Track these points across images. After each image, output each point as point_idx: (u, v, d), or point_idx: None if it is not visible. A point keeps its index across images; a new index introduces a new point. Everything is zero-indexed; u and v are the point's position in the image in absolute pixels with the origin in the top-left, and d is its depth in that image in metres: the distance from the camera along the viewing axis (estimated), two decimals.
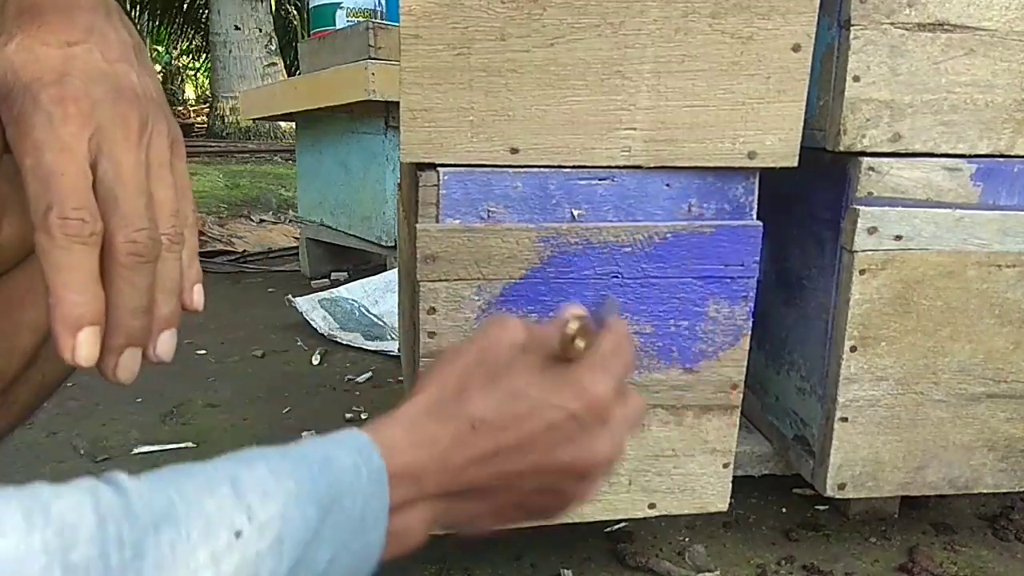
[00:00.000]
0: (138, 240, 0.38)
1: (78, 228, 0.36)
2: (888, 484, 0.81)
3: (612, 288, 0.70)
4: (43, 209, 0.36)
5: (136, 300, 0.38)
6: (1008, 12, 0.71)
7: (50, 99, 0.37)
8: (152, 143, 0.40)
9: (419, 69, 0.63)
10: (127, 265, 0.38)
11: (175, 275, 0.41)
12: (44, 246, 0.36)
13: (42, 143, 0.36)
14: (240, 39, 6.54)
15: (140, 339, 0.39)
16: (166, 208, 0.40)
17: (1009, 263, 0.77)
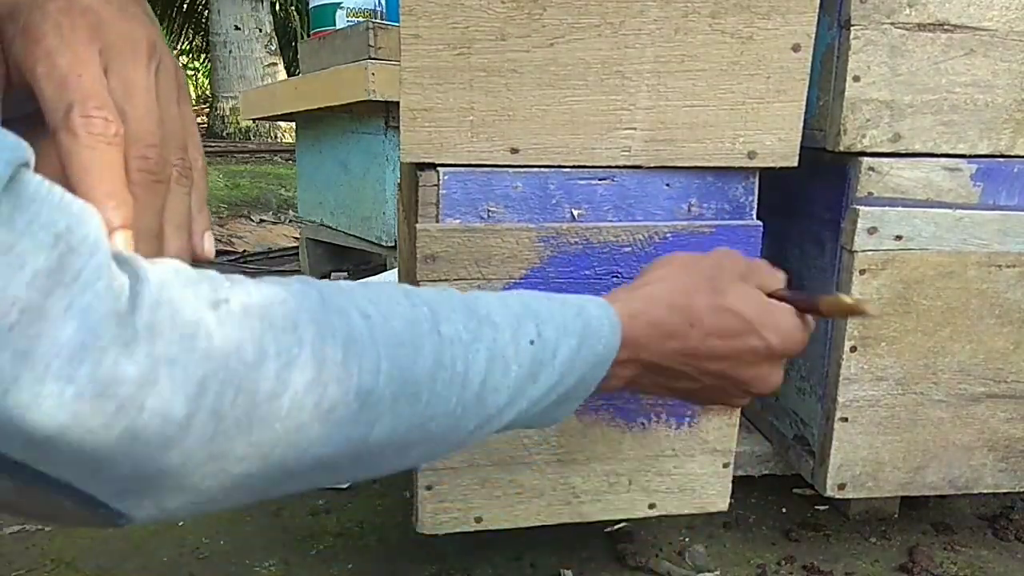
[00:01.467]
0: (149, 156, 0.37)
1: (103, 127, 0.35)
2: (888, 484, 0.81)
3: (612, 288, 0.70)
4: (64, 109, 0.35)
5: (147, 221, 0.37)
6: (1008, 12, 0.71)
7: (58, 9, 0.36)
8: (160, 73, 0.40)
9: (419, 69, 0.63)
10: (138, 182, 0.37)
11: (184, 210, 0.40)
12: (69, 147, 0.35)
13: (54, 49, 0.36)
14: (240, 39, 6.54)
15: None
16: (174, 139, 0.40)
17: (1009, 263, 0.77)
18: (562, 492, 0.76)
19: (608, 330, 0.49)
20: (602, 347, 0.48)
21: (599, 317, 0.49)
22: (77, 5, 0.37)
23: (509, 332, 0.44)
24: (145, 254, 0.37)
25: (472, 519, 0.74)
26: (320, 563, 0.85)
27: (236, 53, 6.57)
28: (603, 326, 0.48)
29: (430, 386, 0.39)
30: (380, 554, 0.87)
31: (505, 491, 0.74)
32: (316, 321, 0.35)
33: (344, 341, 0.36)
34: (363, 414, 0.36)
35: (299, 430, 0.34)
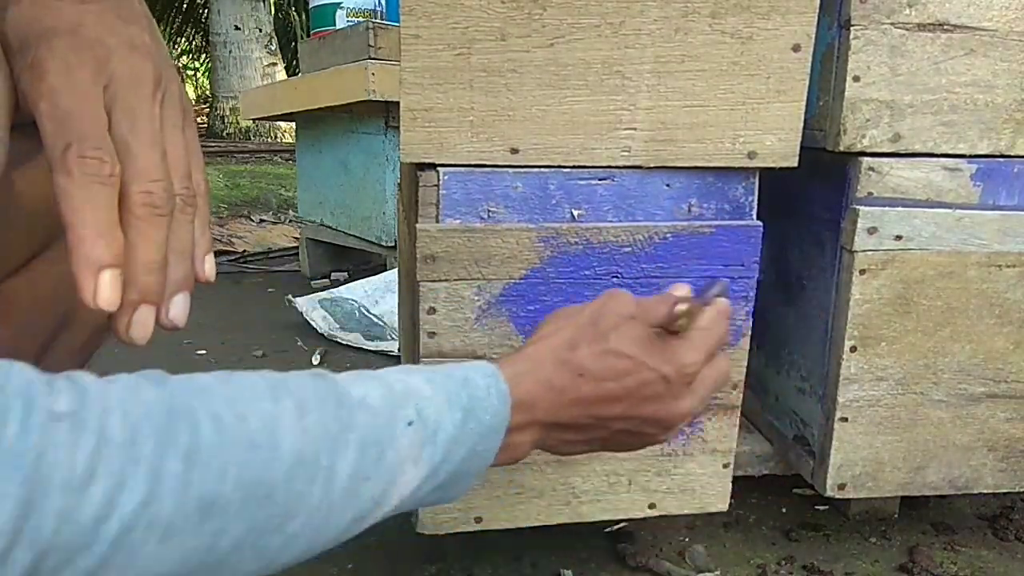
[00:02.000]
0: (153, 191, 0.38)
1: (97, 167, 0.36)
2: (888, 484, 0.81)
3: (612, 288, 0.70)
4: (61, 148, 0.35)
5: (151, 254, 0.38)
6: (1008, 12, 0.71)
7: (66, 46, 0.37)
8: (166, 103, 0.40)
9: (419, 69, 0.63)
10: (142, 217, 0.37)
11: (188, 238, 0.40)
12: (63, 186, 0.35)
13: (57, 87, 0.36)
14: (240, 39, 6.54)
15: (154, 297, 0.39)
16: (179, 168, 0.40)
17: (1009, 263, 0.77)
18: (562, 492, 0.76)
19: (496, 399, 0.48)
20: (490, 417, 0.47)
21: (485, 387, 0.48)
22: (84, 39, 0.37)
23: (385, 416, 0.43)
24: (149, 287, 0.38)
25: (472, 519, 0.75)
26: (320, 563, 0.85)
27: (236, 53, 6.57)
28: (490, 395, 0.48)
29: (287, 486, 0.38)
30: (380, 554, 0.87)
31: (505, 491, 0.74)
32: (158, 431, 0.34)
33: (186, 451, 0.35)
34: (206, 525, 0.35)
35: (131, 552, 0.33)
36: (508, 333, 0.70)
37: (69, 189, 0.35)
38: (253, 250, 2.76)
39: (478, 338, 0.70)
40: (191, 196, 0.41)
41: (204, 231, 0.42)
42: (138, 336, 0.38)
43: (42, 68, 0.36)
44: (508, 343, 0.70)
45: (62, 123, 0.36)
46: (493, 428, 0.48)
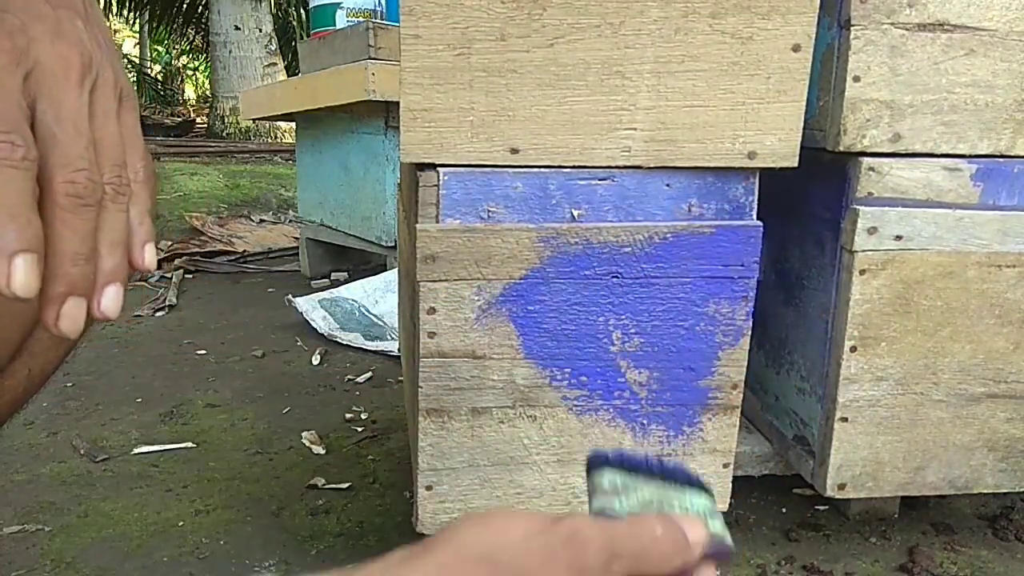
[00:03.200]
0: (77, 181, 0.37)
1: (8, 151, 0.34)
2: (888, 484, 0.81)
3: (612, 288, 0.70)
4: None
5: (76, 245, 0.37)
6: (1008, 12, 0.71)
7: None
8: (97, 89, 0.39)
9: (419, 69, 0.63)
10: (66, 207, 0.36)
11: (120, 227, 0.39)
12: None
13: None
14: (240, 39, 6.54)
15: (83, 289, 0.38)
16: (109, 156, 0.39)
17: (1009, 263, 0.77)
18: (562, 492, 0.76)
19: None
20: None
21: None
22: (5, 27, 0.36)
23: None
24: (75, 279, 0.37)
25: None
26: (320, 563, 0.85)
27: (236, 53, 6.57)
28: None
29: None
30: (380, 554, 0.87)
31: (505, 491, 0.74)
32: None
33: None
34: None
35: None
36: (508, 333, 0.70)
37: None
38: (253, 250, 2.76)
39: (478, 338, 0.70)
40: (123, 184, 0.40)
41: (143, 220, 0.41)
42: (68, 329, 0.37)
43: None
44: (508, 343, 0.70)
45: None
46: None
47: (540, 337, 0.71)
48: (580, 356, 0.72)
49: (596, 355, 0.72)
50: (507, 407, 0.73)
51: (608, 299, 0.71)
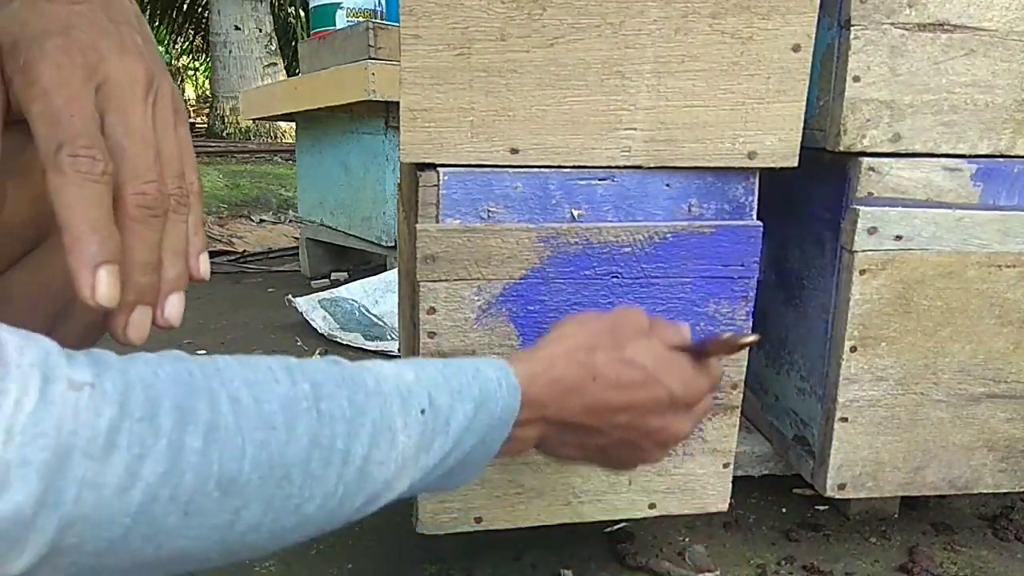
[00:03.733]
0: (148, 192, 0.38)
1: (89, 165, 0.36)
2: (888, 484, 0.81)
3: (612, 288, 0.70)
4: (53, 149, 0.35)
5: (145, 255, 0.38)
6: (1008, 12, 0.71)
7: (57, 48, 0.37)
8: (158, 103, 0.40)
9: (419, 69, 0.63)
10: (137, 218, 0.37)
11: (181, 237, 0.41)
12: (56, 186, 0.35)
13: (50, 89, 0.36)
14: (240, 39, 6.54)
15: (150, 297, 0.39)
16: (171, 168, 0.40)
17: (1009, 263, 0.77)
18: (562, 492, 0.76)
19: (506, 392, 0.49)
20: (500, 409, 0.48)
21: (496, 379, 0.49)
22: (76, 43, 0.38)
23: (398, 402, 0.44)
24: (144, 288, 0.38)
25: (472, 519, 0.75)
26: (320, 563, 0.85)
27: (236, 53, 6.57)
28: (500, 388, 0.48)
29: (304, 467, 0.39)
30: (380, 554, 0.87)
31: (505, 491, 0.74)
32: (178, 408, 0.35)
33: (206, 428, 0.35)
34: (226, 502, 0.36)
35: (154, 524, 0.34)
36: (508, 333, 0.70)
37: (63, 188, 0.35)
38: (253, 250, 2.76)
39: (478, 338, 0.70)
40: (184, 196, 0.41)
41: (197, 230, 0.42)
42: (135, 337, 0.38)
43: (34, 71, 0.36)
44: (508, 343, 0.70)
45: (54, 124, 0.36)
46: (502, 420, 0.49)
47: (540, 337, 0.71)
48: None
49: None
50: None
51: (608, 299, 0.71)
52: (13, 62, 0.37)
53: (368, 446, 0.42)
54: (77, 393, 0.32)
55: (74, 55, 0.37)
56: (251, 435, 0.37)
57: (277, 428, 0.38)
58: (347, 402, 0.41)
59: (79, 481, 0.31)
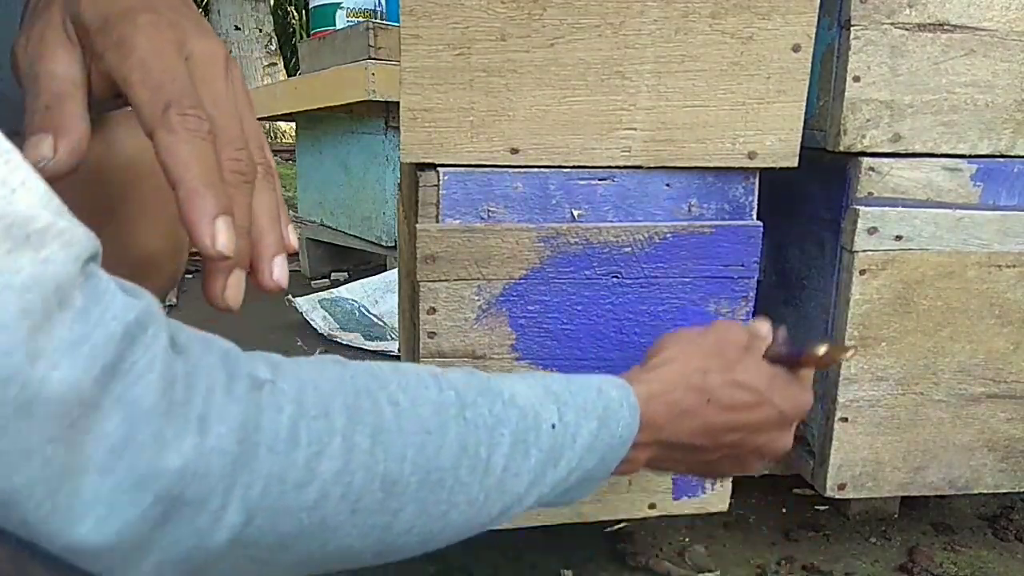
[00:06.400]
0: (240, 158, 0.39)
1: (197, 124, 0.37)
2: (888, 484, 0.81)
3: (612, 288, 0.70)
4: (161, 109, 0.36)
5: (241, 219, 0.39)
6: (1008, 12, 0.71)
7: (149, 23, 0.38)
8: (235, 80, 0.42)
9: (419, 69, 0.63)
10: (231, 183, 0.38)
11: (274, 203, 0.42)
12: (167, 143, 0.36)
13: (147, 58, 0.37)
14: (240, 39, 6.54)
15: (245, 261, 0.40)
16: (255, 139, 0.42)
17: (1009, 263, 0.77)
18: None
19: (627, 412, 0.49)
20: (621, 429, 0.49)
21: (618, 399, 0.49)
22: (164, 18, 0.39)
23: (531, 416, 0.44)
24: (243, 249, 0.39)
25: None
26: None
27: (236, 53, 6.56)
28: (622, 408, 0.49)
29: (454, 473, 0.40)
30: None
31: None
32: (348, 407, 0.36)
33: (373, 429, 0.36)
34: (388, 503, 0.37)
35: (324, 520, 0.35)
36: (508, 333, 0.70)
37: (174, 145, 0.36)
38: None
39: (478, 338, 0.70)
40: (270, 164, 0.42)
41: (282, 203, 0.43)
42: (232, 299, 0.39)
43: (129, 43, 0.38)
44: (508, 343, 0.70)
45: (157, 88, 0.37)
46: (622, 440, 0.49)
47: (540, 337, 0.71)
48: (580, 356, 0.72)
49: (596, 355, 0.72)
50: None
51: (608, 299, 0.71)
52: (105, 38, 0.38)
53: (507, 457, 0.42)
54: (259, 391, 0.33)
55: (164, 30, 0.39)
56: (411, 438, 0.38)
57: (432, 433, 0.39)
58: (488, 411, 0.42)
59: (265, 475, 0.32)
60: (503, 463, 0.42)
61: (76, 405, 0.27)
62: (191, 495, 0.30)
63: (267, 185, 0.41)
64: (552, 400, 0.46)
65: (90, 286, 0.28)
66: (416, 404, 0.39)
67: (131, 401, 0.28)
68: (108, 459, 0.28)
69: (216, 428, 0.31)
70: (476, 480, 0.41)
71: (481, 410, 0.42)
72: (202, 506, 0.31)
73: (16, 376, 0.25)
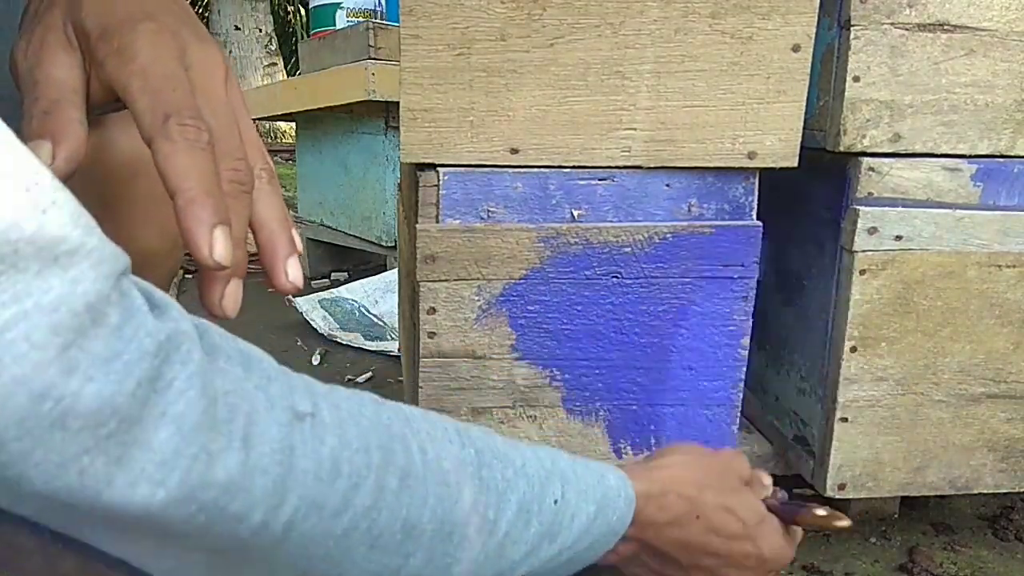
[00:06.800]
0: (239, 168, 0.39)
1: (196, 134, 0.37)
2: (888, 484, 0.81)
3: (612, 288, 0.70)
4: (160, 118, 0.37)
5: (237, 230, 0.39)
6: (1008, 12, 0.71)
7: (149, 31, 0.38)
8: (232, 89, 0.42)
9: (419, 69, 0.63)
10: (229, 193, 0.38)
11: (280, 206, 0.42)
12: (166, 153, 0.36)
13: (148, 66, 0.38)
14: (240, 39, 6.54)
15: (242, 270, 0.40)
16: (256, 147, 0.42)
17: (1009, 263, 0.77)
18: None
19: (623, 504, 0.50)
20: (615, 519, 0.49)
21: (616, 489, 0.50)
22: (165, 26, 0.39)
23: (538, 487, 0.45)
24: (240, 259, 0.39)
25: None
26: None
27: (236, 53, 6.57)
28: (619, 499, 0.49)
29: (463, 530, 0.40)
30: None
31: None
32: (382, 447, 0.37)
33: (402, 473, 0.37)
34: (404, 546, 0.38)
35: (346, 551, 0.36)
36: (508, 333, 0.70)
37: (173, 154, 0.36)
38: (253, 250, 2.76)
39: (478, 338, 0.70)
40: (272, 169, 0.43)
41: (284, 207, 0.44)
42: (230, 308, 0.39)
43: (131, 51, 0.38)
44: (508, 343, 0.70)
45: (157, 96, 0.37)
46: (613, 530, 0.49)
47: (540, 337, 0.71)
48: (580, 356, 0.72)
49: (596, 355, 0.72)
50: (507, 407, 0.73)
51: (608, 299, 0.71)
52: (106, 45, 0.38)
53: (511, 523, 0.43)
54: (301, 423, 0.34)
55: (165, 38, 0.39)
56: (433, 488, 0.39)
57: (450, 486, 0.40)
58: (500, 475, 0.43)
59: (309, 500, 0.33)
60: (506, 528, 0.43)
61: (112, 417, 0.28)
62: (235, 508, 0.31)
63: (271, 190, 0.42)
64: (558, 477, 0.47)
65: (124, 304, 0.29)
66: (440, 456, 0.40)
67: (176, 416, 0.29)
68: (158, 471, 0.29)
69: (259, 448, 0.32)
70: (481, 540, 0.41)
71: (495, 473, 0.43)
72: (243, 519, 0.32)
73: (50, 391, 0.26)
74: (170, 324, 0.31)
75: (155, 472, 0.29)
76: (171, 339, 0.30)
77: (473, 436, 0.43)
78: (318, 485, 0.33)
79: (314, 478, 0.33)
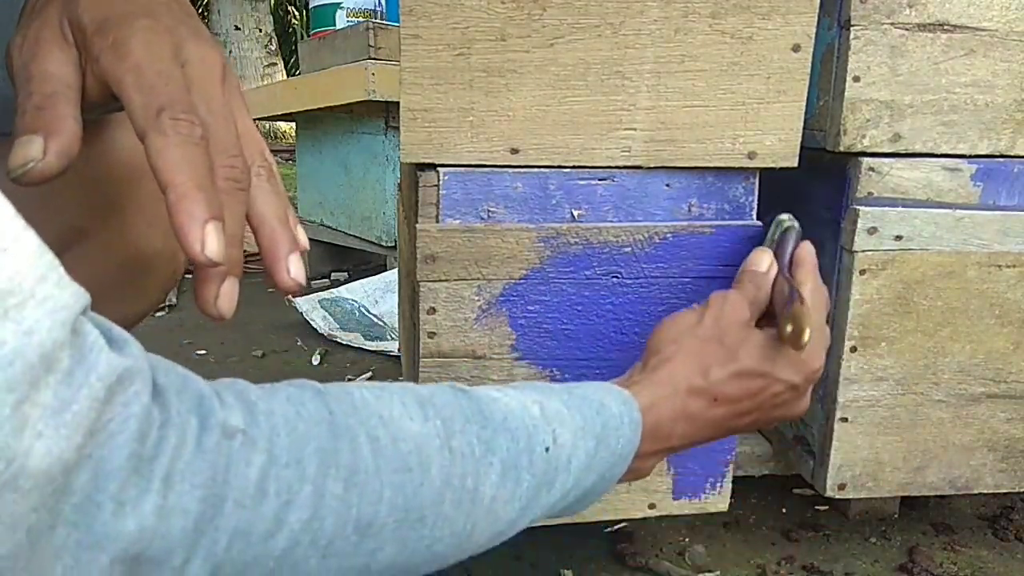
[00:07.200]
0: (235, 166, 0.39)
1: (189, 128, 0.36)
2: (888, 484, 0.81)
3: (612, 288, 0.70)
4: (153, 113, 0.36)
5: (234, 228, 0.38)
6: (1008, 12, 0.71)
7: (145, 27, 0.38)
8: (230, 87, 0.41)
9: (419, 69, 0.63)
10: (225, 191, 0.38)
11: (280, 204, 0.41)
12: (158, 147, 0.36)
13: (143, 62, 0.37)
14: (240, 39, 6.54)
15: (238, 270, 0.39)
16: (252, 144, 0.41)
17: (1009, 263, 0.77)
18: None
19: (628, 429, 0.49)
20: (621, 445, 0.48)
21: (619, 415, 0.49)
22: (161, 23, 0.39)
23: (524, 440, 0.44)
24: (236, 258, 0.38)
25: None
26: None
27: (236, 53, 6.57)
28: (623, 425, 0.49)
29: (436, 509, 0.39)
30: None
31: None
32: (321, 451, 0.35)
33: (347, 473, 0.36)
34: (363, 545, 0.37)
35: (293, 567, 0.35)
36: (508, 333, 0.70)
37: (165, 149, 0.36)
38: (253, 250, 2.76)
39: (478, 338, 0.70)
40: (271, 166, 0.42)
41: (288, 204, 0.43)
42: (225, 307, 0.39)
43: (126, 46, 0.37)
44: (508, 343, 0.70)
45: (150, 91, 0.37)
46: (622, 456, 0.49)
47: (540, 337, 0.71)
48: (580, 356, 0.72)
49: (596, 355, 0.72)
50: None
51: (608, 299, 0.71)
52: (102, 41, 0.38)
53: (496, 486, 0.42)
54: (230, 441, 0.32)
55: (161, 35, 0.38)
56: (389, 478, 0.37)
57: (412, 470, 0.38)
58: (476, 439, 0.41)
59: (231, 530, 0.32)
60: (492, 492, 0.41)
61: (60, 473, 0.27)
62: (151, 553, 0.30)
63: (271, 187, 0.41)
64: (548, 421, 0.45)
65: (77, 344, 0.28)
66: (397, 440, 0.38)
67: (99, 459, 0.28)
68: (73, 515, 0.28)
69: (179, 487, 0.31)
70: (462, 512, 0.40)
71: (469, 438, 0.41)
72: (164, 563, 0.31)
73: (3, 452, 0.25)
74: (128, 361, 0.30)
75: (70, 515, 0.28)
76: (121, 379, 0.29)
77: (441, 404, 0.42)
78: (240, 512, 0.32)
79: (236, 506, 0.32)
